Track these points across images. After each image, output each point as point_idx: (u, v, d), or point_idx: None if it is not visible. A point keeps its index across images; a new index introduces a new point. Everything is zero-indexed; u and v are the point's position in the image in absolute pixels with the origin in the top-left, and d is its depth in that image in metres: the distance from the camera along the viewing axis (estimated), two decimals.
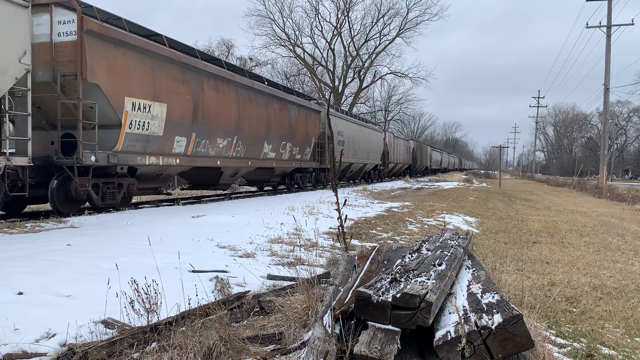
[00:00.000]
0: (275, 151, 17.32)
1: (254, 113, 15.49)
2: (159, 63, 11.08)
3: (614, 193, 27.43)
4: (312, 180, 22.38)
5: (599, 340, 4.05)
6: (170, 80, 11.41)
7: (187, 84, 12.06)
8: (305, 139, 20.08)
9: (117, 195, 10.71)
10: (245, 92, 14.92)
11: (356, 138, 27.21)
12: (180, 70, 11.85)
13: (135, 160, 10.71)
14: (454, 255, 3.77)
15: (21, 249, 5.69)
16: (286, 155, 18.34)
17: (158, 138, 11.20)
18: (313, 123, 20.98)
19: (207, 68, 13.07)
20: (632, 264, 7.43)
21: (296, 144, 19.06)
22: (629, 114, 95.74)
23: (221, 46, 43.51)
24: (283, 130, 17.68)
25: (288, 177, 20.23)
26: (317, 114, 21.65)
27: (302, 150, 19.82)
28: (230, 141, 14.22)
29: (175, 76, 11.65)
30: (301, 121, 19.51)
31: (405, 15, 49.27)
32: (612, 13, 30.61)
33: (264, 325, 3.61)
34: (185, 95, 11.98)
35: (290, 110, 18.44)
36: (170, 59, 11.49)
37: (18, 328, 3.21)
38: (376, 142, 32.23)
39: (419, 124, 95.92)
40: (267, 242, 7.04)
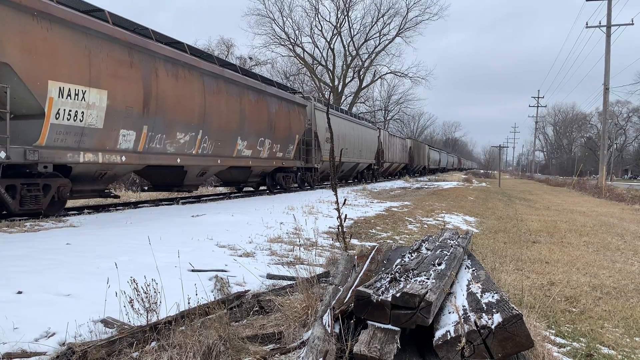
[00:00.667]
0: (251, 148, 15.50)
1: (224, 105, 13.56)
2: (97, 42, 9.19)
3: (613, 193, 27.44)
4: (298, 180, 20.76)
5: (599, 339, 4.05)
6: (113, 63, 9.57)
7: (136, 68, 10.21)
8: (288, 136, 18.16)
9: (42, 199, 8.89)
10: (213, 80, 13.05)
11: (347, 135, 25.64)
12: (128, 51, 10.00)
13: (65, 157, 8.87)
14: (453, 254, 3.77)
15: (20, 248, 5.68)
16: (265, 153, 16.55)
17: (97, 131, 9.33)
18: (297, 118, 18.96)
19: (163, 51, 11.12)
20: (631, 264, 7.44)
21: (277, 140, 17.22)
22: (628, 113, 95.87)
23: (221, 45, 43.57)
24: (261, 125, 15.82)
25: (269, 177, 18.59)
26: (301, 109, 19.63)
27: (284, 148, 17.99)
28: (194, 136, 12.34)
29: (121, 58, 9.81)
30: (283, 116, 17.63)
31: (405, 15, 49.37)
32: (611, 13, 30.62)
33: (264, 324, 3.61)
34: (134, 82, 10.15)
35: (270, 103, 16.59)
36: (113, 38, 9.59)
37: (17, 327, 3.21)
38: (370, 140, 30.68)
39: (419, 124, 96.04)
40: (267, 241, 7.03)
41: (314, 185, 22.20)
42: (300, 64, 50.20)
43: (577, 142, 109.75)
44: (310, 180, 21.70)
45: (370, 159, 30.92)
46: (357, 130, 27.86)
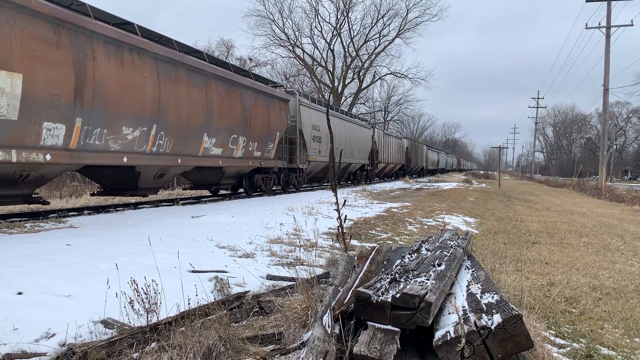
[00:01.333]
0: (222, 146, 13.58)
1: (186, 96, 11.68)
2: (7, 14, 7.47)
3: (613, 194, 27.44)
4: (282, 182, 18.96)
5: (598, 340, 4.05)
6: (31, 41, 7.80)
7: (65, 50, 8.40)
8: (267, 133, 16.29)
9: None
10: (171, 68, 11.16)
11: (337, 134, 23.53)
12: (54, 29, 8.21)
13: None
14: (453, 255, 3.78)
15: (21, 248, 5.69)
16: (239, 152, 14.64)
17: (8, 123, 7.58)
18: (278, 114, 17.06)
19: (103, 31, 9.28)
20: (631, 265, 7.44)
21: (254, 138, 15.35)
22: (628, 114, 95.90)
23: (221, 46, 43.60)
24: (233, 120, 13.91)
25: (246, 179, 16.73)
26: (283, 103, 17.74)
27: (262, 147, 16.18)
28: (146, 132, 10.44)
29: (43, 36, 8.01)
30: (261, 111, 15.69)
31: (405, 16, 49.36)
32: (611, 14, 30.65)
33: (264, 325, 3.61)
34: (62, 65, 8.35)
35: (244, 97, 14.63)
36: (32, 11, 7.82)
37: (17, 328, 3.21)
38: (363, 140, 28.85)
39: (419, 125, 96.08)
40: (267, 242, 7.04)
41: (299, 187, 20.48)
42: (300, 65, 50.25)
43: (577, 143, 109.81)
44: (295, 182, 19.86)
45: (363, 160, 29.26)
46: (348, 128, 26.24)
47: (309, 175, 21.86)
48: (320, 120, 21.28)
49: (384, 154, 35.28)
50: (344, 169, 26.57)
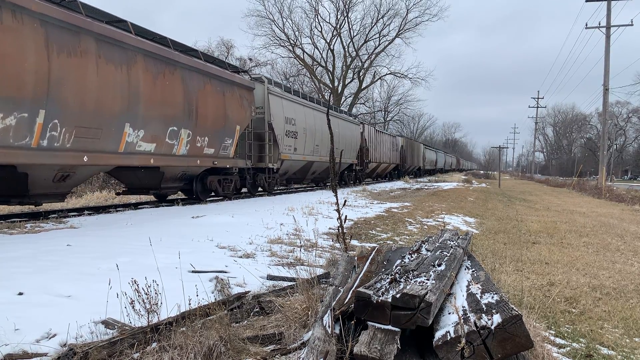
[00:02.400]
0: (155, 141, 10.89)
1: (95, 75, 9.05)
2: None
3: (613, 193, 27.46)
4: (248, 184, 16.42)
5: (598, 340, 4.06)
6: None
7: None
8: (223, 127, 13.62)
9: None
10: (68, 36, 8.49)
11: (318, 129, 21.09)
12: None
13: None
14: (453, 255, 3.78)
15: (21, 249, 5.69)
16: (182, 148, 11.88)
17: None
18: (238, 103, 14.41)
19: None
20: (631, 265, 7.45)
21: (203, 132, 12.73)
22: (628, 114, 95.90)
23: (221, 46, 43.62)
24: (171, 109, 11.25)
25: (198, 182, 13.83)
26: (246, 91, 14.99)
27: (216, 143, 13.49)
28: (28, 119, 7.84)
29: None
30: (213, 99, 13.12)
31: (405, 16, 49.37)
32: (611, 14, 30.67)
33: (264, 325, 3.62)
34: None
35: (189, 80, 11.93)
36: None
37: (18, 328, 3.22)
38: (350, 137, 26.17)
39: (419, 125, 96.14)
40: (267, 242, 7.05)
41: (271, 190, 17.79)
42: (300, 65, 50.28)
43: (577, 143, 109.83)
44: (265, 184, 17.23)
45: (351, 159, 26.67)
46: (340, 126, 23.81)
47: (283, 176, 19.30)
48: (297, 112, 18.80)
49: (375, 153, 32.72)
50: (327, 169, 23.27)
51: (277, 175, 18.04)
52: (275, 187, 18.44)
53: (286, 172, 19.21)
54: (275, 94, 17.30)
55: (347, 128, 25.90)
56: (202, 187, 14.13)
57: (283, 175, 19.23)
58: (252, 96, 15.54)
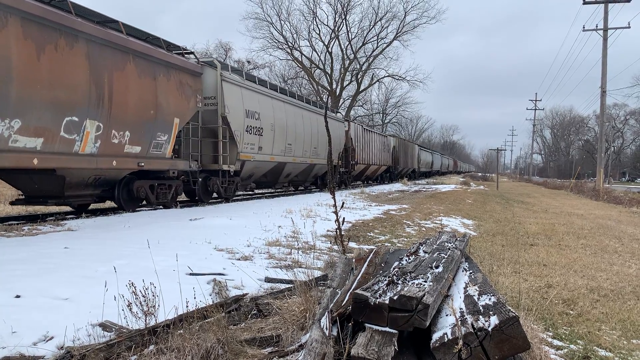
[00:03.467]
0: (42, 135, 8.43)
1: None
2: None
3: (611, 195, 27.51)
4: (198, 190, 13.85)
5: (596, 342, 4.06)
6: None
7: None
8: (153, 119, 11.09)
9: None
10: None
11: (292, 125, 18.58)
12: None
13: None
14: (451, 257, 3.79)
15: (19, 252, 5.68)
16: (89, 145, 9.34)
17: None
18: (176, 91, 11.90)
19: None
20: (628, 266, 7.46)
21: (123, 125, 10.23)
22: (625, 116, 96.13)
23: (219, 49, 43.62)
24: (67, 93, 8.82)
25: (121, 188, 11.25)
26: (189, 77, 12.52)
27: (144, 139, 10.96)
28: None
29: None
30: (138, 83, 10.62)
31: (403, 19, 49.47)
32: (608, 16, 30.78)
33: (262, 327, 3.62)
34: None
35: (97, 57, 9.35)
36: None
37: (16, 331, 3.21)
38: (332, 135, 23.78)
39: (417, 127, 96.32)
40: (265, 244, 7.04)
41: (231, 195, 15.35)
42: (298, 67, 50.33)
43: (575, 145, 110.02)
44: (220, 189, 14.59)
45: (337, 159, 24.15)
46: (310, 119, 20.65)
47: (248, 180, 16.69)
48: (262, 105, 16.26)
49: (363, 154, 29.97)
50: (305, 171, 21.25)
51: (238, 179, 15.60)
52: (235, 192, 15.71)
53: (250, 175, 16.61)
54: (232, 82, 14.39)
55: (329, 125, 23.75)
56: (128, 195, 11.47)
57: (247, 179, 16.57)
58: (198, 83, 13.05)
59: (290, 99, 19.22)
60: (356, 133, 28.46)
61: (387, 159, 37.48)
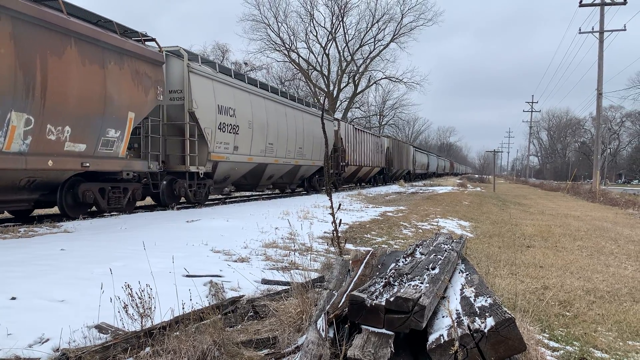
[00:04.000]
0: None
1: None
2: None
3: (607, 197, 27.58)
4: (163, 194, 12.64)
5: (592, 343, 4.07)
6: None
7: None
8: (102, 113, 9.74)
9: None
10: None
11: (273, 124, 17.26)
12: None
13: None
14: (447, 259, 3.79)
15: (14, 253, 5.66)
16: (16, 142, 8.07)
17: None
18: (131, 82, 10.52)
19: None
20: (624, 268, 7.48)
21: (62, 119, 8.85)
22: (621, 118, 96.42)
23: (216, 50, 43.61)
24: None
25: (64, 193, 9.87)
26: (148, 66, 11.13)
27: (90, 135, 9.61)
28: None
29: None
30: (82, 71, 9.21)
31: (400, 21, 49.61)
32: (604, 19, 30.89)
33: (258, 329, 3.61)
34: None
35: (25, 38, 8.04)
36: None
37: (11, 333, 3.20)
38: (319, 134, 21.26)
39: (414, 129, 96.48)
40: (262, 246, 7.04)
41: (203, 200, 13.95)
42: (295, 69, 50.36)
43: (571, 147, 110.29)
44: (188, 193, 13.07)
45: (321, 160, 22.25)
46: (294, 117, 19.40)
47: (222, 182, 15.33)
48: (238, 100, 14.77)
49: (355, 155, 28.53)
50: (289, 172, 19.96)
51: (211, 181, 14.16)
52: (207, 196, 14.21)
53: (226, 178, 15.16)
54: (202, 74, 12.97)
55: (315, 123, 21.72)
56: (74, 200, 10.05)
57: (222, 182, 15.15)
58: (159, 74, 11.52)
59: (272, 95, 17.77)
60: (347, 133, 27.06)
61: (381, 161, 36.15)
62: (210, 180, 14.16)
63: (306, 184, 23.01)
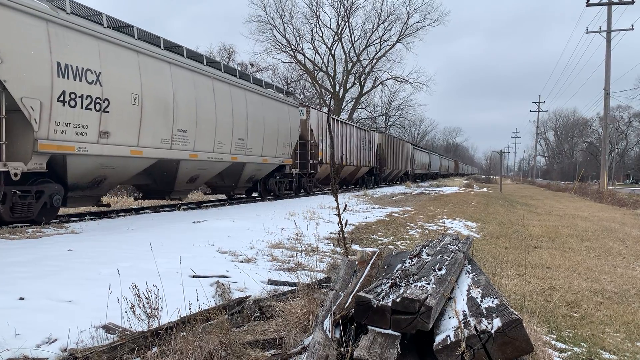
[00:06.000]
0: None
1: None
2: None
3: (615, 198, 27.40)
4: None
5: (600, 344, 4.05)
6: None
7: None
8: None
9: None
10: None
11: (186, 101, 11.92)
12: None
13: None
14: (454, 260, 3.78)
15: (22, 254, 5.70)
16: None
17: None
18: None
19: None
20: (633, 269, 7.43)
21: None
22: (629, 118, 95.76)
23: (222, 52, 43.69)
24: None
25: None
26: None
27: None
28: None
29: None
30: None
31: (406, 21, 49.48)
32: (612, 18, 30.70)
33: (265, 330, 3.62)
34: None
35: None
36: None
37: (19, 333, 3.23)
38: (281, 124, 17.36)
39: (420, 129, 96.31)
40: (268, 247, 7.04)
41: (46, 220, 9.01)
42: (301, 70, 50.35)
43: (579, 147, 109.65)
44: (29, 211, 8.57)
45: (280, 157, 17.50)
46: (231, 96, 13.94)
47: (90, 188, 10.01)
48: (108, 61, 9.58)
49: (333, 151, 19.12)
50: (228, 172, 14.75)
51: (55, 187, 9.08)
52: (38, 213, 8.90)
53: (97, 181, 9.99)
54: (21, 10, 7.94)
55: (272, 108, 16.71)
56: None
57: (89, 187, 9.97)
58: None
59: (188, 61, 12.08)
60: (319, 123, 21.71)
61: (370, 159, 30.83)
62: (53, 186, 9.05)
63: (260, 188, 17.67)
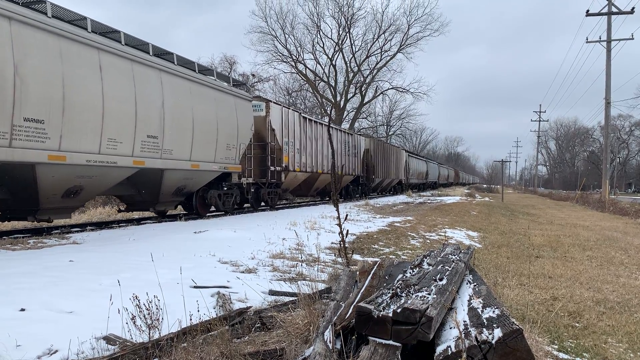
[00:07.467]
0: None
1: None
2: None
3: (617, 207, 27.34)
4: None
5: (602, 355, 4.03)
6: None
7: None
8: None
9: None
10: None
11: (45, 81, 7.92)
12: None
13: None
14: (455, 270, 3.78)
15: (23, 265, 5.70)
16: None
17: None
18: None
19: None
20: (635, 278, 7.40)
21: None
22: (630, 127, 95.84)
23: (224, 62, 43.91)
24: None
25: None
26: None
27: None
28: None
29: None
30: None
31: (406, 32, 49.70)
32: (611, 28, 30.83)
33: (266, 341, 3.61)
34: None
35: None
36: None
37: (20, 344, 3.22)
38: (230, 122, 13.79)
39: (421, 139, 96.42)
40: (269, 257, 7.04)
41: None
42: (302, 80, 50.53)
43: (580, 156, 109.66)
44: None
45: (225, 162, 13.72)
46: (133, 78, 10.14)
47: None
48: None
49: (304, 156, 19.53)
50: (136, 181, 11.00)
51: None
52: None
53: None
54: None
55: (207, 99, 12.87)
56: None
57: None
58: None
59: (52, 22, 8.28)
60: (286, 122, 17.81)
61: (355, 167, 26.93)
62: None
63: (196, 202, 13.76)
